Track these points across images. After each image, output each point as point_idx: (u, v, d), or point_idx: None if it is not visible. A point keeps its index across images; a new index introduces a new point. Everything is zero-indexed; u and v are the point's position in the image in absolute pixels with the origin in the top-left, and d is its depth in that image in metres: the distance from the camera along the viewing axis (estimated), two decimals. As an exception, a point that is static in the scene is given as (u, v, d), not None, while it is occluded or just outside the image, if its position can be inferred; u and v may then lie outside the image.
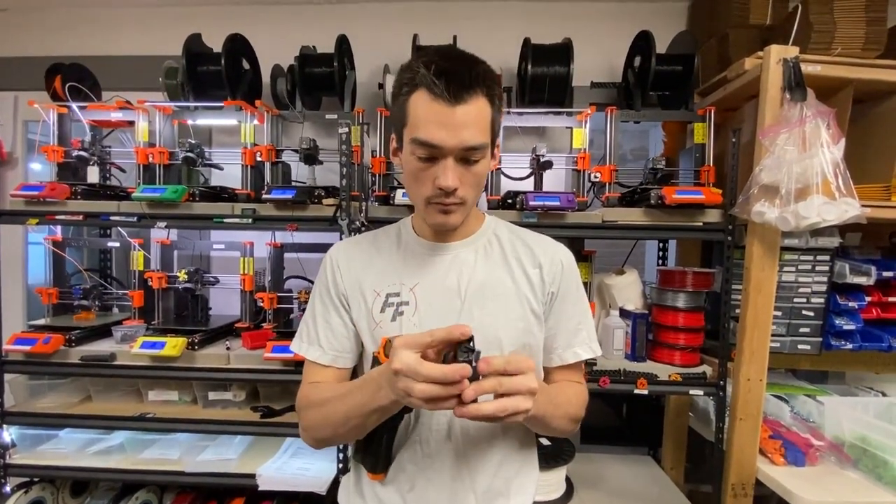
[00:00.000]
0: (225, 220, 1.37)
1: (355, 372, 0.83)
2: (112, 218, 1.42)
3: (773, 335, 1.35)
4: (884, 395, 1.58)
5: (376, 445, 0.74)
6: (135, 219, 1.40)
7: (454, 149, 0.66)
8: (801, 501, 1.19)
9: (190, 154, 1.46)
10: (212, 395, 1.48)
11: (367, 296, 0.78)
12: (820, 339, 1.47)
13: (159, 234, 1.74)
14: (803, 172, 1.14)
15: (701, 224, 1.35)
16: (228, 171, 1.63)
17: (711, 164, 1.43)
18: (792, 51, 1.22)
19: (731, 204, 1.30)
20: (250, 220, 1.36)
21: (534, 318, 0.78)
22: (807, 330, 1.47)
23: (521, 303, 0.77)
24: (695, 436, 1.75)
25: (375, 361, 0.71)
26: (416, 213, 0.83)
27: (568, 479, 1.53)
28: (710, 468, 1.66)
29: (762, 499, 1.36)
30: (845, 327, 1.47)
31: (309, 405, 0.75)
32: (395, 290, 0.77)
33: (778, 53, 1.22)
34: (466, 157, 0.68)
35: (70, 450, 1.49)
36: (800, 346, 1.48)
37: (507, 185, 1.51)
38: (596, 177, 1.46)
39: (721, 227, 1.33)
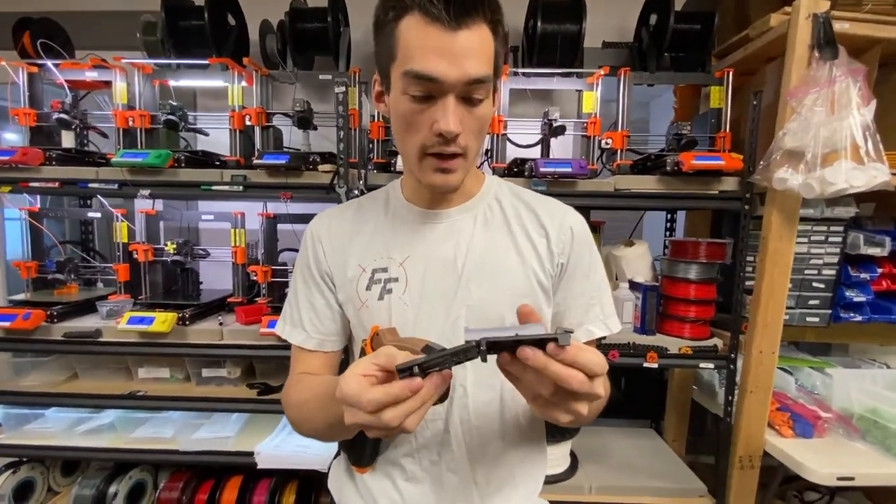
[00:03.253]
0: (214, 188, 1.28)
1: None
2: (91, 185, 1.32)
3: (784, 307, 1.31)
4: (888, 367, 1.57)
5: (361, 436, 0.67)
6: (115, 186, 1.30)
7: (456, 83, 0.55)
8: (811, 473, 1.18)
9: (171, 117, 1.35)
10: (205, 372, 1.42)
11: (352, 272, 0.70)
12: (829, 312, 1.45)
13: (144, 204, 1.64)
14: (831, 136, 1.08)
15: (717, 192, 1.29)
16: (215, 138, 1.53)
17: (728, 131, 1.37)
18: (822, 5, 1.14)
19: (750, 171, 1.24)
20: (241, 188, 1.27)
21: (542, 293, 0.69)
22: (816, 302, 1.44)
23: (528, 277, 0.68)
24: (696, 408, 1.74)
25: (364, 354, 0.64)
26: (407, 173, 0.73)
27: (572, 453, 1.51)
28: (715, 440, 1.66)
29: (766, 470, 1.35)
30: (855, 299, 1.44)
31: (289, 404, 0.68)
32: (382, 264, 0.69)
33: (807, 8, 1.14)
34: (469, 94, 0.57)
35: (58, 429, 1.43)
36: (808, 319, 1.46)
37: (512, 154, 1.43)
38: (607, 143, 1.39)
39: (738, 195, 1.27)
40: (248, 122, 1.44)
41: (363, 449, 0.68)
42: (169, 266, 1.55)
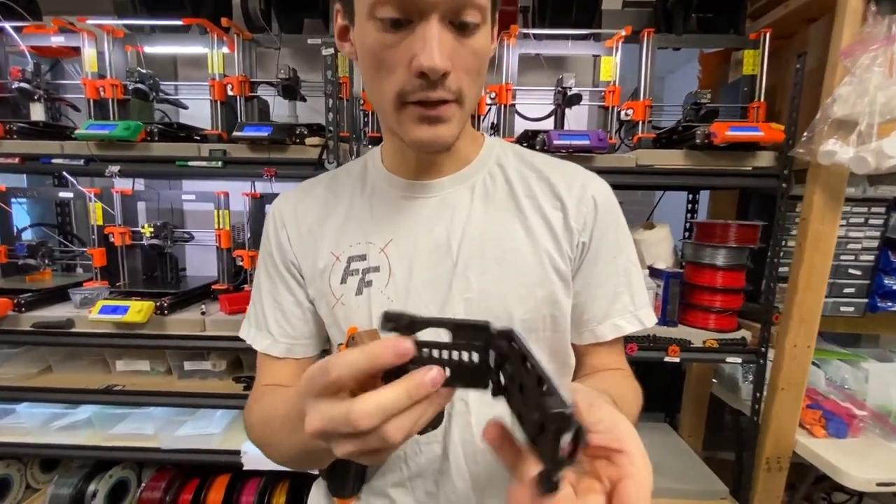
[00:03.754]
0: (190, 164, 1.15)
1: None
2: (55, 161, 1.19)
3: (819, 296, 1.19)
4: (925, 360, 1.46)
5: (342, 464, 0.55)
6: (81, 162, 1.17)
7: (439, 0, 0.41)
8: (848, 478, 1.07)
9: (140, 86, 1.21)
10: (188, 365, 1.31)
11: (323, 261, 0.57)
12: (865, 301, 1.34)
13: (124, 184, 1.52)
14: (889, 101, 0.94)
15: (750, 169, 1.16)
16: (198, 112, 1.39)
17: (762, 100, 1.22)
18: (882, -50, 0.99)
19: (790, 144, 1.11)
20: (220, 164, 1.14)
21: (558, 280, 0.55)
22: (851, 290, 1.33)
23: (540, 261, 0.54)
24: (713, 401, 1.64)
25: None
26: (387, 135, 0.59)
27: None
28: (735, 436, 1.56)
29: (791, 469, 1.25)
30: (895, 287, 1.33)
31: (251, 424, 0.54)
32: (359, 251, 0.56)
33: (864, -46, 0.99)
34: (459, 16, 0.43)
35: (32, 425, 1.34)
36: (842, 308, 1.35)
37: (521, 128, 1.29)
38: (627, 114, 1.25)
39: (775, 171, 1.14)
40: (230, 93, 1.31)
41: (345, 477, 0.56)
42: (149, 251, 1.43)
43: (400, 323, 0.33)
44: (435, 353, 0.33)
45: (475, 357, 0.33)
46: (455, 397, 0.50)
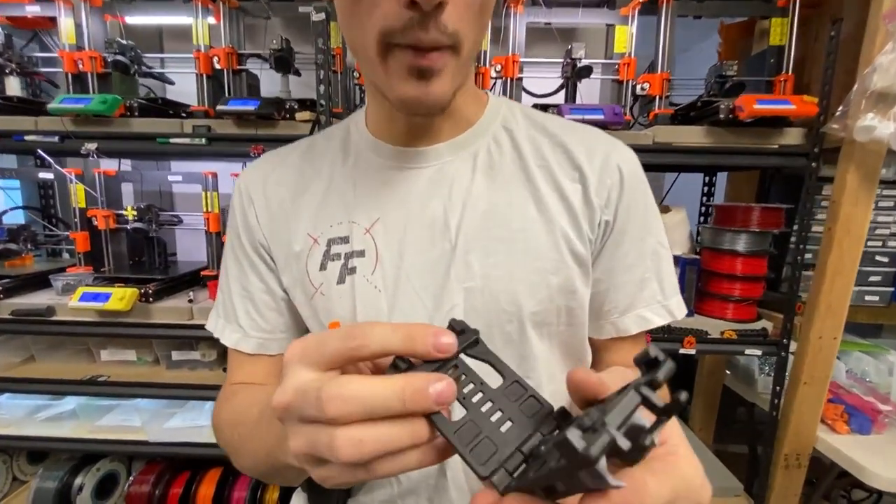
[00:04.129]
0: (172, 141, 1.07)
1: None
2: (28, 138, 1.11)
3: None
4: (951, 352, 1.39)
5: None
6: (56, 139, 1.09)
7: None
8: (874, 478, 1.01)
9: (120, 58, 1.13)
10: (176, 355, 1.25)
11: (299, 244, 0.49)
12: (891, 290, 1.26)
13: (111, 165, 1.44)
14: (939, 71, 0.85)
15: (777, 147, 1.07)
16: (187, 88, 1.30)
17: (790, 73, 1.13)
18: None
19: (821, 120, 1.02)
20: (204, 142, 1.06)
21: (576, 266, 0.47)
22: (877, 278, 1.25)
23: (555, 243, 0.46)
24: (725, 393, 1.57)
25: None
26: (370, 94, 0.49)
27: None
28: (748, 430, 1.50)
29: (812, 468, 1.19)
30: (924, 276, 1.25)
31: (219, 427, 0.47)
32: (340, 232, 0.48)
33: None
34: None
35: (15, 416, 1.28)
36: (867, 297, 1.27)
37: (528, 104, 1.21)
38: (643, 89, 1.15)
39: (804, 149, 1.05)
40: (216, 66, 1.22)
41: (328, 490, 0.49)
42: (136, 235, 1.36)
43: (461, 334, 0.27)
44: (470, 387, 0.26)
45: (507, 426, 0.26)
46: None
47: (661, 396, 0.21)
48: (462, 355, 0.27)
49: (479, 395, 0.26)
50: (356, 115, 0.53)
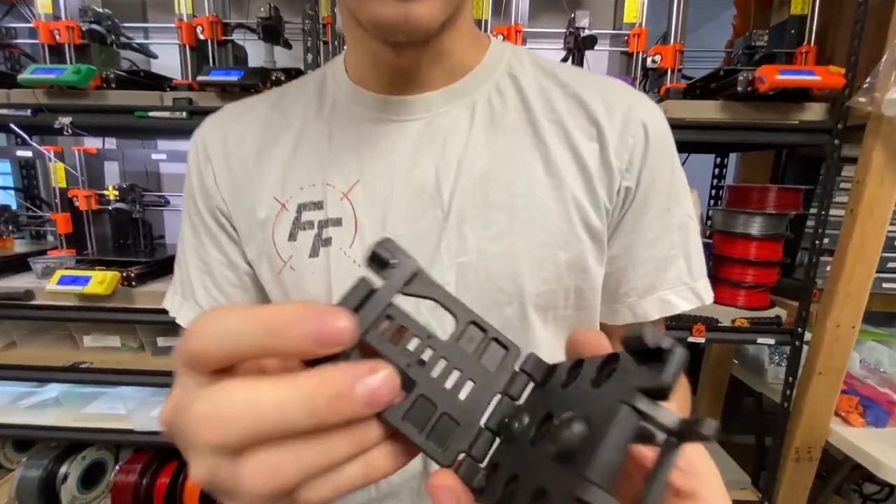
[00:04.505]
0: (151, 115, 1.00)
1: None
2: (0, 112, 1.05)
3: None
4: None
5: None
6: (28, 112, 1.03)
7: None
8: (890, 472, 0.96)
9: (96, 27, 1.06)
10: (161, 341, 1.20)
11: (265, 210, 0.42)
12: (910, 277, 1.20)
13: (94, 144, 1.38)
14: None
15: (797, 122, 1.00)
16: (174, 62, 1.22)
17: (813, 44, 1.05)
18: None
19: (846, 94, 0.95)
20: (184, 115, 0.99)
21: (589, 240, 0.41)
22: (896, 265, 1.19)
23: (566, 212, 0.40)
24: (732, 383, 1.53)
25: None
26: (350, 28, 0.42)
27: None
28: (754, 420, 1.46)
29: (822, 461, 1.14)
30: (946, 262, 1.19)
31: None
32: (313, 196, 0.42)
33: None
34: None
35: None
36: (885, 285, 1.21)
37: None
38: (654, 61, 1.08)
39: (827, 126, 0.98)
40: (200, 36, 1.15)
41: None
42: (118, 216, 1.30)
43: (391, 268, 0.19)
44: (415, 344, 0.19)
45: (468, 390, 0.20)
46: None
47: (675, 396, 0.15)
48: (398, 298, 0.19)
49: (428, 352, 0.19)
50: (334, 60, 0.47)
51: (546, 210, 0.40)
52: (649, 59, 1.09)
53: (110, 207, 1.20)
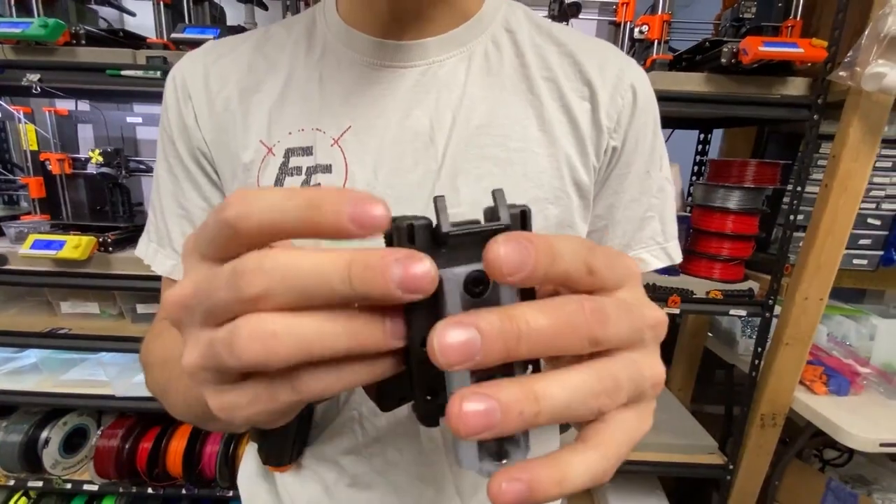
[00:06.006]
0: (123, 73, 0.97)
1: None
2: (-38, 67, 1.00)
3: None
4: (931, 317, 1.39)
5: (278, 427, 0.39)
6: (-7, 68, 0.99)
7: None
8: (850, 438, 1.01)
9: (66, -25, 1.01)
10: (141, 308, 1.19)
11: (249, 154, 0.41)
12: (880, 254, 1.24)
13: (66, 104, 1.33)
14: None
15: (779, 97, 1.00)
16: (149, 23, 1.17)
17: (800, 18, 1.05)
18: None
19: (828, 69, 0.95)
20: (158, 74, 0.96)
21: (577, 197, 0.42)
22: (867, 241, 1.22)
23: (558, 168, 0.41)
24: (705, 355, 1.58)
25: None
26: None
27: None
28: (724, 390, 1.51)
29: (787, 428, 1.19)
30: (915, 239, 1.23)
31: (148, 365, 0.41)
32: (302, 141, 0.41)
33: None
34: None
35: (-25, 369, 1.23)
36: (855, 261, 1.25)
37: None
38: (642, 31, 1.07)
39: (808, 101, 0.99)
40: (175, -8, 1.10)
41: (283, 439, 0.44)
42: (96, 181, 1.27)
43: (404, 231, 0.18)
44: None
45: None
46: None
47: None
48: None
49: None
50: (325, 1, 0.44)
51: (539, 166, 0.41)
52: (636, 30, 1.07)
53: (95, 172, 1.17)
